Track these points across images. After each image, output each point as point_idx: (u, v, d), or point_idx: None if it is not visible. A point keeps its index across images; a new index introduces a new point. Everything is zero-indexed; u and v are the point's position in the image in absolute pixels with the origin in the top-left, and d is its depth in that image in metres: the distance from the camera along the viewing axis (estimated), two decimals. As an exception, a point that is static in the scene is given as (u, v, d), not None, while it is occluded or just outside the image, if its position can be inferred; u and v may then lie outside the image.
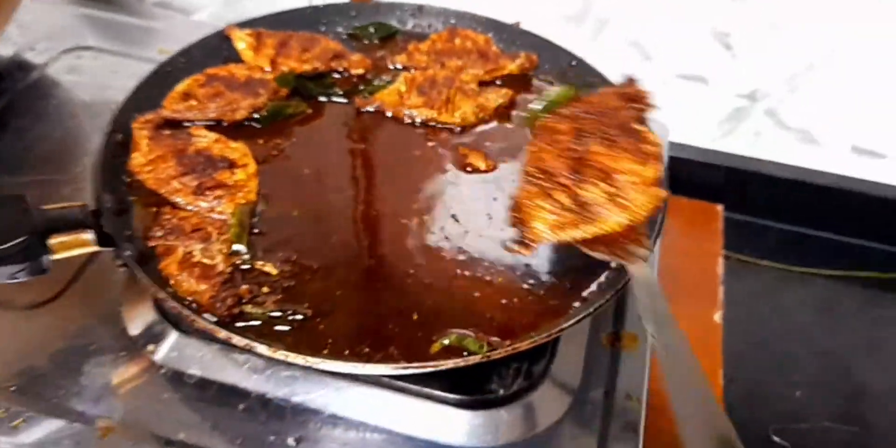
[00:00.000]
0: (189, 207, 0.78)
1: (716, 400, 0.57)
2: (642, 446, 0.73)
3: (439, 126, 0.92)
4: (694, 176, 1.34)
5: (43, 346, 0.77)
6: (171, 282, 0.70)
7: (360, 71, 0.98)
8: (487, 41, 1.01)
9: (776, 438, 1.05)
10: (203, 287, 0.69)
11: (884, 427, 1.06)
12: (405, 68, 1.00)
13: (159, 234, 0.74)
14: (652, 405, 0.77)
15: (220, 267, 0.71)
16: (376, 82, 0.96)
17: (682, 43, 1.26)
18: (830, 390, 1.12)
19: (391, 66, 1.00)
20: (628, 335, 0.82)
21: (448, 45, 1.00)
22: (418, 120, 0.92)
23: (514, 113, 0.95)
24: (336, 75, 0.98)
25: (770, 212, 1.36)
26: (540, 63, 1.01)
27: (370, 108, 0.93)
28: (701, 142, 1.37)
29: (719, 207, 1.28)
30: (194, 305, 0.69)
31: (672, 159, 1.02)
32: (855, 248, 1.33)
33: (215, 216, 0.77)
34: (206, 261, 0.72)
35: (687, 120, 1.34)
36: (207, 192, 0.78)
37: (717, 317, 1.11)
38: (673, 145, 1.20)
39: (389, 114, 0.93)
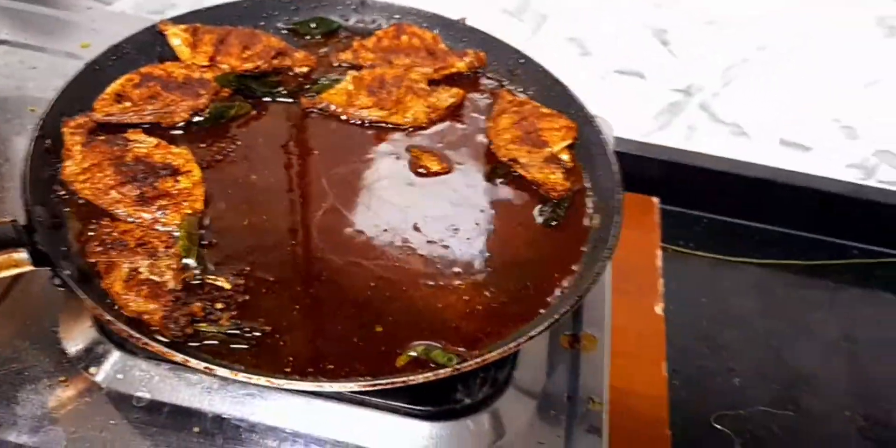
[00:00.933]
0: (130, 219, 0.73)
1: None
2: (607, 446, 0.74)
3: (390, 126, 0.90)
4: (630, 169, 1.37)
5: (-29, 374, 0.71)
6: (117, 302, 0.66)
7: (305, 69, 0.94)
8: (435, 38, 0.99)
9: (717, 426, 1.09)
10: (153, 306, 0.65)
11: (816, 409, 1.12)
12: (351, 66, 0.96)
13: (100, 249, 0.69)
14: (612, 403, 0.78)
15: (171, 284, 0.67)
16: (322, 81, 0.93)
17: (620, 38, 1.28)
18: (766, 376, 1.17)
19: (336, 64, 0.97)
20: (587, 336, 0.83)
21: (395, 42, 0.98)
22: (368, 121, 0.90)
23: (465, 113, 0.93)
24: (280, 74, 0.94)
25: (703, 203, 1.41)
26: (488, 60, 1.00)
27: (317, 109, 0.90)
28: (637, 135, 1.40)
29: (655, 200, 1.31)
30: (144, 327, 0.65)
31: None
32: (784, 236, 1.39)
33: (160, 228, 0.73)
34: (154, 278, 0.67)
35: (624, 114, 1.36)
36: (150, 203, 0.73)
37: (659, 309, 1.14)
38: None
39: (337, 114, 0.90)
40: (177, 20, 0.94)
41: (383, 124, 0.90)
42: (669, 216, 1.31)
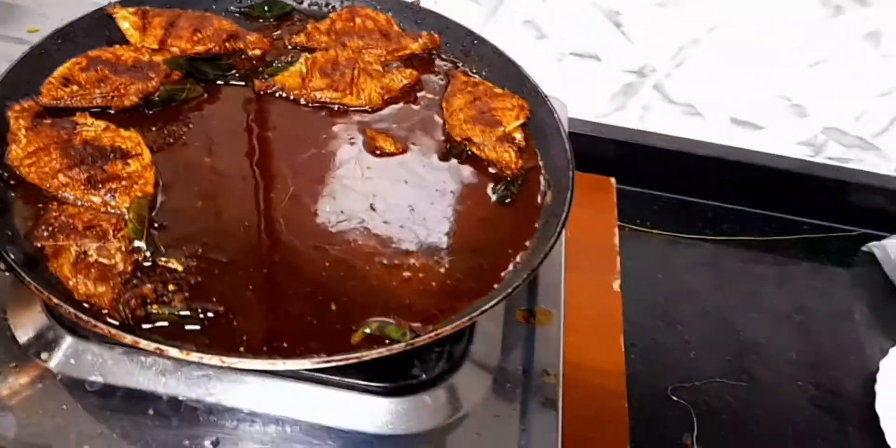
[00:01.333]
0: (79, 203, 0.72)
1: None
2: (561, 419, 0.75)
3: (343, 108, 0.90)
4: (587, 149, 1.38)
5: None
6: (66, 285, 0.65)
7: (258, 52, 0.94)
8: (388, 21, 0.99)
9: (674, 397, 1.12)
10: (102, 289, 0.65)
11: (768, 379, 1.16)
12: (304, 49, 0.96)
13: (46, 233, 0.68)
14: (566, 377, 0.80)
15: (120, 266, 0.67)
16: (276, 64, 0.92)
17: (575, 21, 1.29)
18: (720, 348, 1.20)
19: (290, 47, 0.96)
20: (542, 311, 0.84)
21: (348, 24, 0.97)
22: (322, 102, 0.90)
23: (420, 94, 0.94)
24: (232, 57, 0.93)
25: (658, 182, 1.43)
26: (442, 42, 1.00)
27: (271, 91, 0.89)
28: (594, 116, 1.41)
29: (612, 180, 1.33)
30: (94, 310, 0.64)
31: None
32: (737, 213, 1.42)
33: (110, 211, 0.72)
34: (103, 260, 0.67)
35: (581, 96, 1.37)
36: (99, 186, 0.73)
37: (616, 285, 1.16)
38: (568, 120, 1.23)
39: (291, 97, 0.89)
40: (125, 3, 0.93)
41: (337, 106, 0.90)
42: (626, 196, 1.33)
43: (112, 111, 0.83)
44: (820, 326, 1.25)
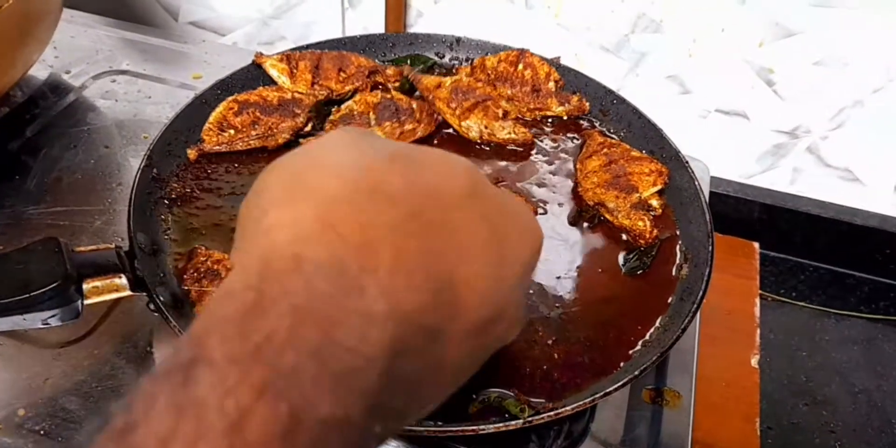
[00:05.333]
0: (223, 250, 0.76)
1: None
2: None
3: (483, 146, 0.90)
4: (729, 211, 1.32)
5: (74, 387, 0.76)
6: (205, 330, 0.69)
7: (398, 84, 0.97)
8: (548, 75, 0.98)
9: (814, 492, 1.02)
10: (237, 336, 0.67)
11: (928, 484, 1.02)
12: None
13: (193, 277, 0.73)
14: (694, 465, 0.74)
15: (256, 315, 0.69)
16: (436, 69, 1.00)
17: (721, 78, 1.23)
18: (870, 440, 1.08)
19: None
20: (670, 392, 0.79)
21: (510, 69, 0.97)
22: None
23: (554, 153, 0.92)
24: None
25: (808, 250, 1.33)
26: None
27: (408, 78, 0.95)
28: (737, 177, 1.34)
29: (755, 245, 1.25)
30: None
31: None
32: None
33: (250, 259, 0.76)
34: (241, 308, 0.70)
35: (725, 154, 1.31)
36: (242, 234, 0.76)
37: (754, 361, 1.08)
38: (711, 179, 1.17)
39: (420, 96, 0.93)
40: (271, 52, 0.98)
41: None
42: (770, 263, 1.25)
43: (268, 150, 0.87)
44: None
